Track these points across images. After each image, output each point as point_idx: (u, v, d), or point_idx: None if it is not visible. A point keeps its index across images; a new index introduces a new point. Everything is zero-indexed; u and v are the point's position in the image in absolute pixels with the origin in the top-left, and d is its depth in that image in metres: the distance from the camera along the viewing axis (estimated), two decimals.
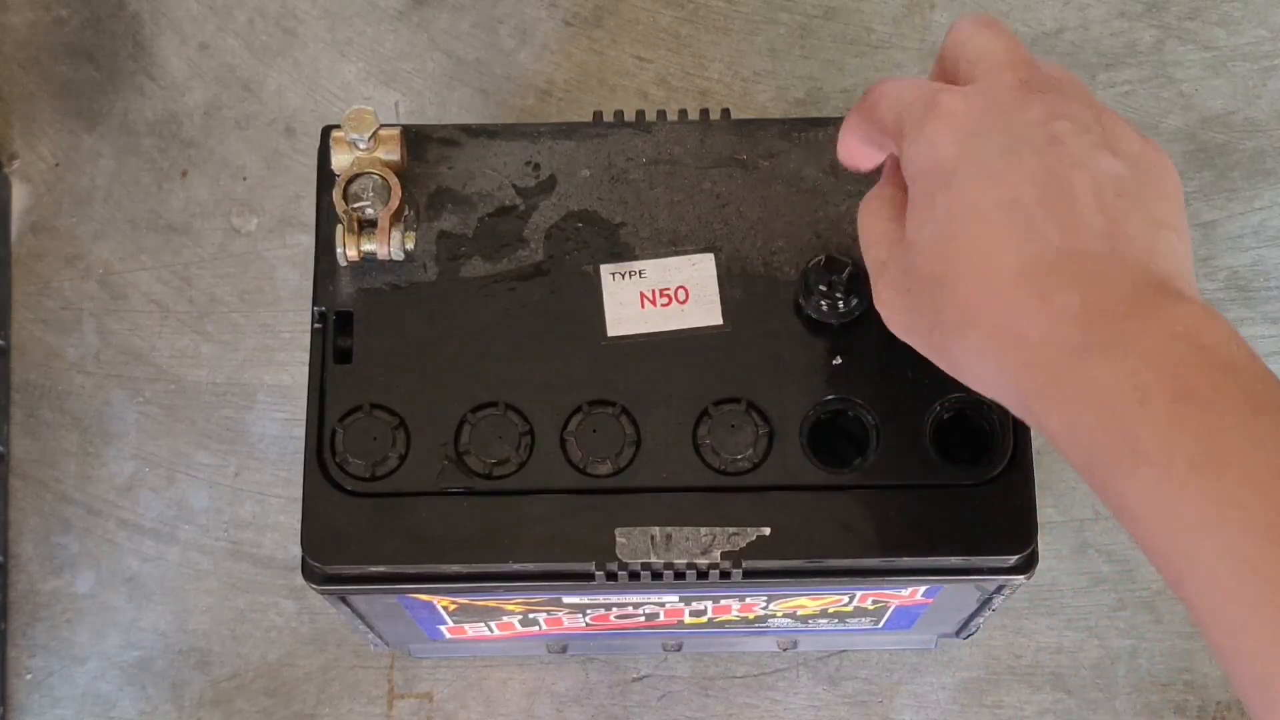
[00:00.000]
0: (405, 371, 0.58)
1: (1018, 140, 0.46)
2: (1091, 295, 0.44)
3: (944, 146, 0.47)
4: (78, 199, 0.82)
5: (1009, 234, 0.45)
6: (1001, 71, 0.48)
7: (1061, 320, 0.44)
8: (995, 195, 0.46)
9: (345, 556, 0.57)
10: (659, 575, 0.57)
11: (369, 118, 0.58)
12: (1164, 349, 0.42)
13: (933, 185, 0.47)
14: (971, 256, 0.46)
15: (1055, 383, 0.44)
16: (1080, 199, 0.45)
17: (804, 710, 0.76)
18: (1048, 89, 0.48)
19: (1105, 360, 0.43)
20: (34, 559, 0.78)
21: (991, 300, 0.45)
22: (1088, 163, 0.46)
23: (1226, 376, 0.42)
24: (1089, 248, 0.45)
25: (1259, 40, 0.84)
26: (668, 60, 0.84)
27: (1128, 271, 0.44)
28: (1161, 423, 0.41)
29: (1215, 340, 0.43)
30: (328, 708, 0.76)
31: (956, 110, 0.47)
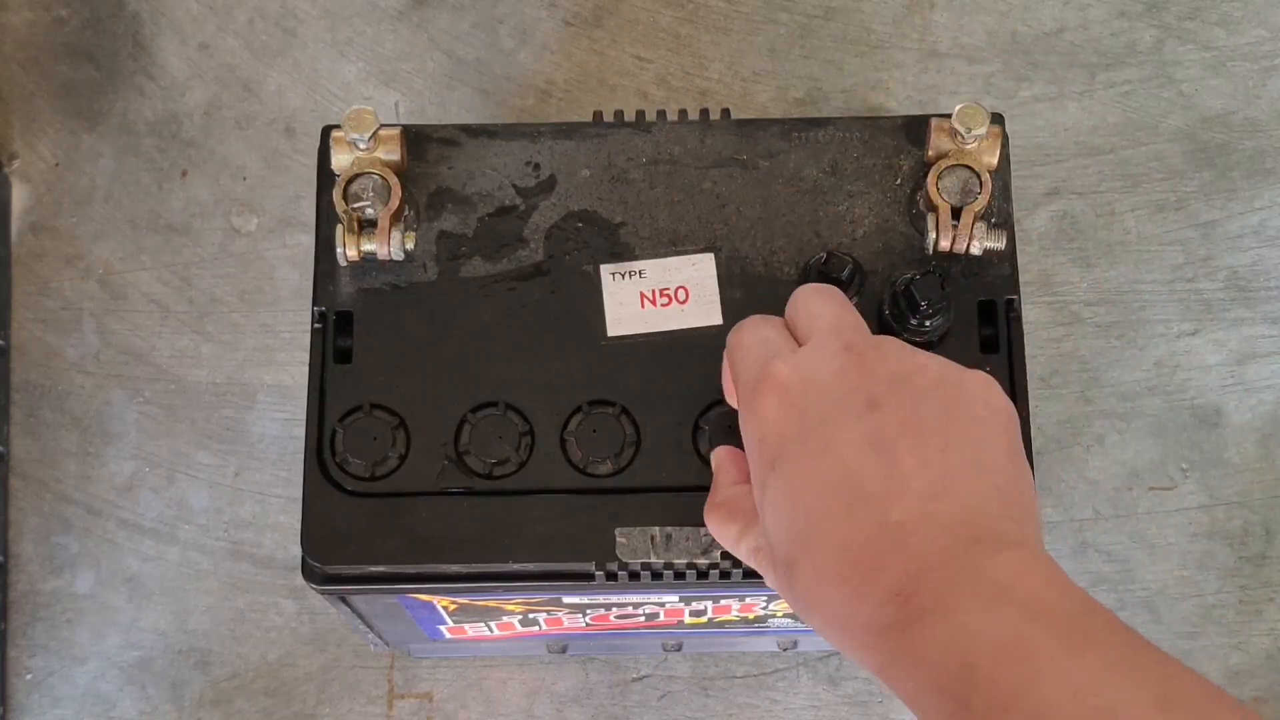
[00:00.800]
0: (405, 371, 0.58)
1: (841, 409, 0.47)
2: (913, 567, 0.45)
3: (770, 420, 0.48)
4: (78, 199, 0.82)
5: (835, 510, 0.46)
6: (828, 335, 0.50)
7: (883, 601, 0.45)
8: (820, 469, 0.47)
9: (345, 556, 0.57)
10: (659, 575, 0.57)
11: (369, 118, 0.58)
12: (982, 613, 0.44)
13: (765, 464, 0.48)
14: (804, 539, 0.47)
15: (889, 660, 0.45)
16: (902, 460, 0.46)
17: (804, 710, 0.76)
18: (867, 350, 0.49)
19: (927, 635, 0.44)
20: (34, 559, 0.78)
21: (824, 588, 0.47)
22: (909, 419, 0.47)
23: (1041, 627, 0.43)
24: (910, 512, 0.46)
25: (1259, 40, 0.84)
26: (668, 60, 0.84)
27: (944, 533, 0.45)
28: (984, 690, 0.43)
29: (1030, 590, 0.44)
30: (328, 708, 0.76)
31: (783, 379, 0.49)
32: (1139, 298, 0.80)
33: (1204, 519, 0.78)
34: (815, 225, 0.60)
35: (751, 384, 0.50)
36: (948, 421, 0.47)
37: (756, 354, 0.51)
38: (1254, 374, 0.79)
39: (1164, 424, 0.79)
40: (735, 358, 0.52)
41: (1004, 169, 0.59)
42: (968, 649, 0.43)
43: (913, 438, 0.47)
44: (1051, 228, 0.81)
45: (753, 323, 0.52)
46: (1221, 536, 0.77)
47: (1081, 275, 0.80)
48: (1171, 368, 0.79)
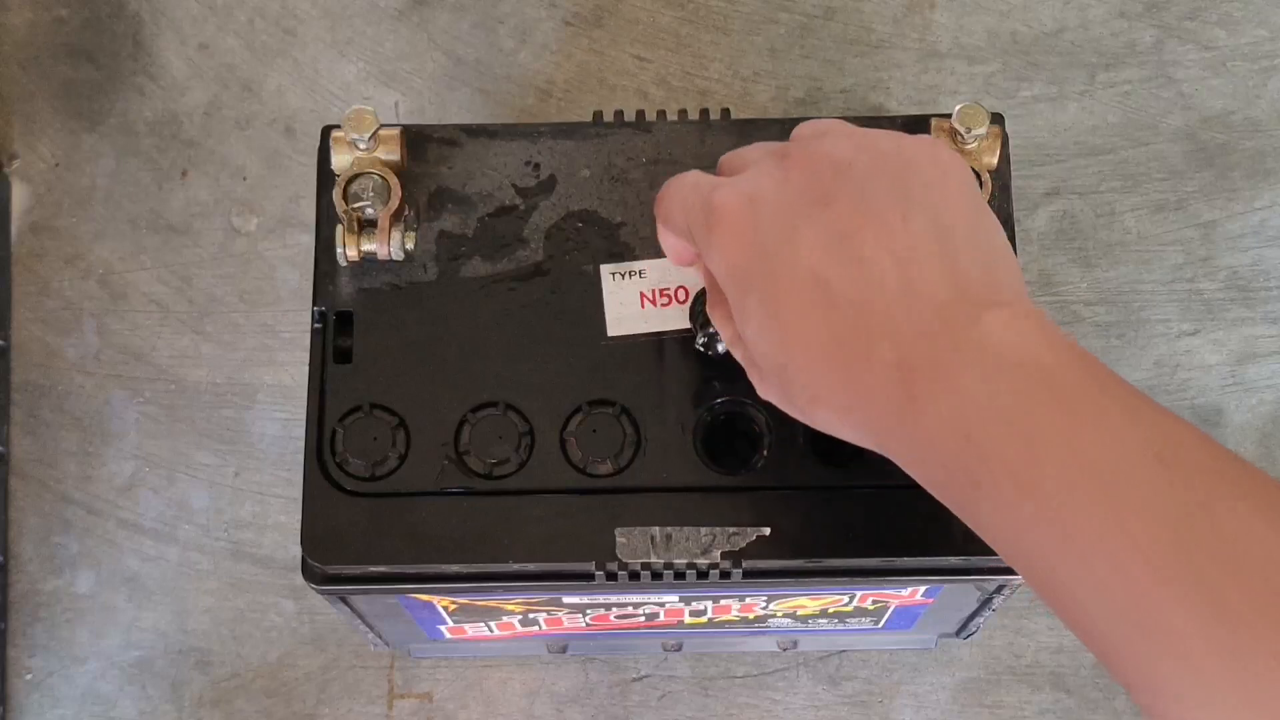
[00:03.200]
0: (405, 371, 0.58)
1: (792, 217, 0.48)
2: (902, 340, 0.45)
3: (731, 253, 0.49)
4: (78, 199, 0.82)
5: (815, 311, 0.47)
6: (762, 158, 0.50)
7: (884, 379, 0.45)
8: (789, 278, 0.47)
9: (345, 556, 0.57)
10: (659, 575, 0.57)
11: (369, 118, 0.58)
12: (974, 383, 0.44)
13: (736, 290, 0.49)
14: (793, 344, 0.47)
15: (896, 434, 0.46)
16: (865, 245, 0.46)
17: (804, 710, 0.76)
18: (800, 151, 0.49)
19: (930, 405, 0.44)
20: (34, 559, 0.78)
21: (819, 376, 0.47)
22: (861, 203, 0.47)
23: (1039, 387, 0.43)
24: (887, 290, 0.46)
25: (1259, 40, 0.84)
26: (668, 60, 0.84)
27: (927, 303, 0.46)
28: (987, 455, 0.43)
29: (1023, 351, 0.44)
30: (328, 708, 0.76)
31: (731, 208, 0.49)
32: (1139, 298, 0.80)
33: None
34: None
35: (700, 224, 0.50)
36: (900, 195, 0.47)
37: (691, 197, 0.51)
38: (1254, 374, 0.79)
39: None
40: (671, 213, 0.52)
41: (1004, 169, 0.59)
42: (965, 417, 0.43)
43: (871, 223, 0.47)
44: (1051, 228, 0.81)
45: (673, 180, 0.53)
46: None
47: (1081, 275, 0.80)
48: (1171, 368, 0.79)
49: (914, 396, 0.45)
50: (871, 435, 0.47)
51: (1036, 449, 0.42)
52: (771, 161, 0.50)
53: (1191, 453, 0.42)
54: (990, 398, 0.43)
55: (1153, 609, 0.40)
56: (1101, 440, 0.42)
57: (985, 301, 0.46)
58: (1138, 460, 0.41)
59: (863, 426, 0.47)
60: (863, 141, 0.49)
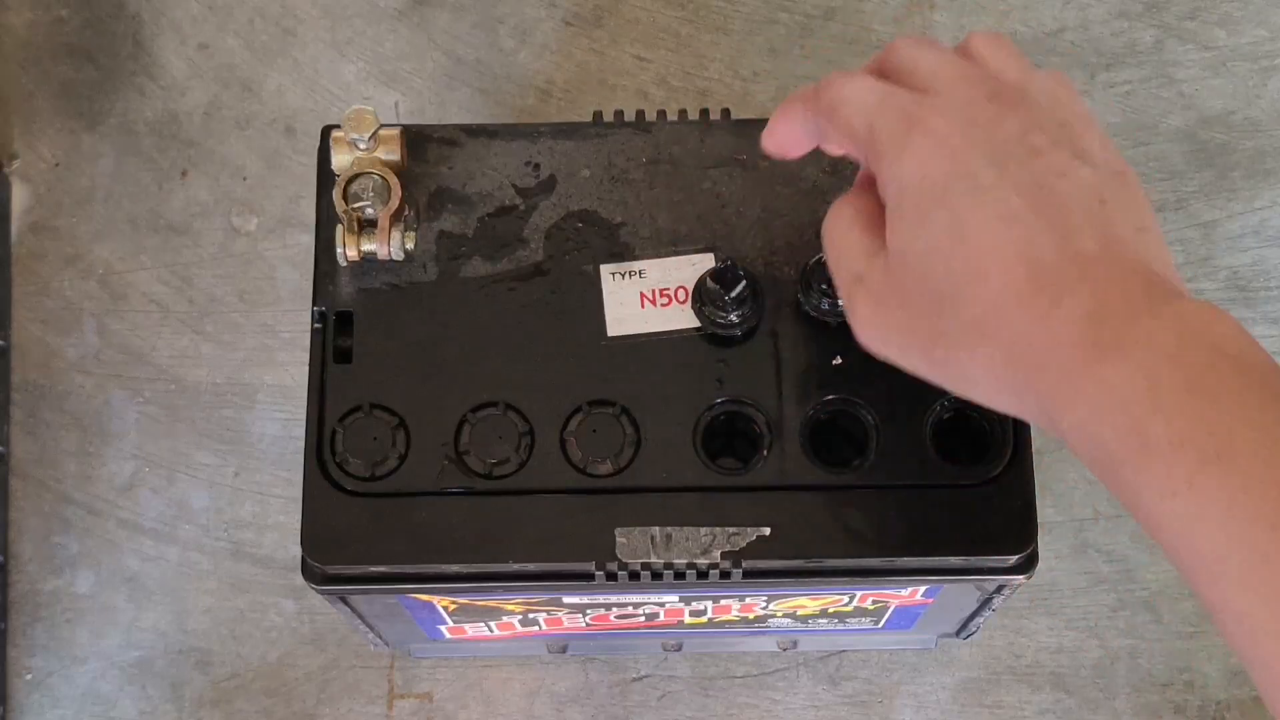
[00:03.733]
0: (405, 371, 0.58)
1: (1001, 154, 0.47)
2: (1099, 296, 0.45)
3: (931, 164, 0.47)
4: (78, 199, 0.82)
5: (1010, 245, 0.46)
6: (969, 84, 0.49)
7: (1073, 323, 0.44)
8: (990, 209, 0.46)
9: (345, 556, 0.57)
10: (659, 575, 0.57)
11: (369, 118, 0.58)
12: (1174, 345, 0.43)
13: (925, 202, 0.47)
14: (976, 270, 0.46)
15: (1069, 384, 0.44)
16: (1069, 207, 0.46)
17: (804, 710, 0.76)
18: (1017, 102, 0.49)
19: (1118, 358, 0.43)
20: (34, 559, 0.78)
21: (1001, 311, 0.46)
22: (1068, 172, 0.47)
23: (1235, 370, 0.43)
24: (1087, 252, 0.45)
25: (1259, 40, 0.84)
26: (668, 60, 0.84)
27: (1128, 272, 0.45)
28: (1172, 417, 0.42)
29: (1223, 335, 0.44)
30: (328, 708, 0.76)
31: (938, 128, 0.48)
32: None
33: None
34: (815, 225, 0.59)
35: (899, 128, 0.48)
36: (1101, 180, 0.47)
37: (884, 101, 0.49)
38: None
39: None
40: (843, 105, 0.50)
41: None
42: (1156, 382, 0.42)
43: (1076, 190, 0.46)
44: None
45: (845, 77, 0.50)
46: None
47: None
48: None
49: (1102, 348, 0.44)
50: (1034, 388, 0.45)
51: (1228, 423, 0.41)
52: (982, 94, 0.48)
53: None
54: (1181, 365, 0.43)
55: None
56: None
57: (1178, 291, 0.46)
58: None
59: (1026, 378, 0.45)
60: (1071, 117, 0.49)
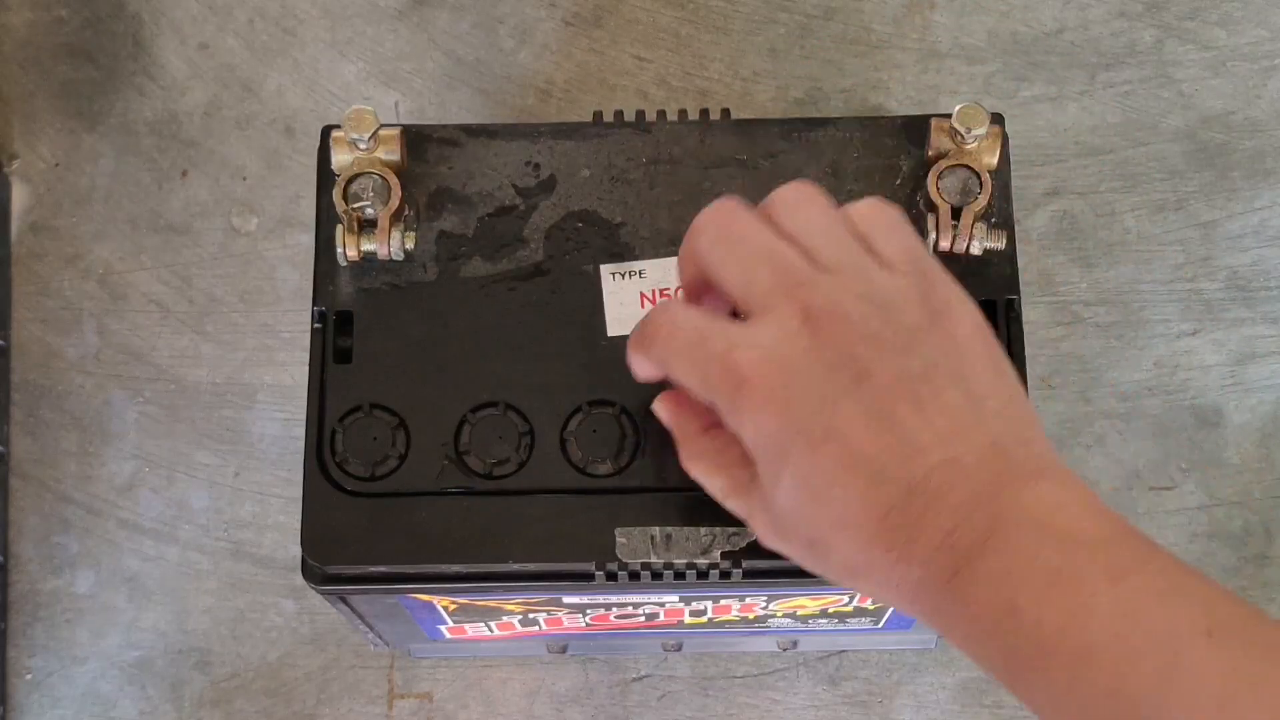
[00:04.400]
0: (405, 371, 0.58)
1: (826, 386, 0.47)
2: (945, 523, 0.45)
3: (766, 421, 0.48)
4: (78, 199, 0.82)
5: (860, 489, 0.46)
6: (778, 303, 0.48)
7: (927, 558, 0.45)
8: (831, 460, 0.47)
9: (345, 556, 0.57)
10: (659, 575, 0.57)
11: (369, 118, 0.58)
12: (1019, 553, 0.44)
13: (772, 464, 0.48)
14: (834, 520, 0.47)
15: (939, 610, 0.46)
16: (906, 422, 0.46)
17: (804, 710, 0.76)
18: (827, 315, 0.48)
19: (972, 581, 0.44)
20: (34, 559, 0.78)
21: (865, 554, 0.47)
22: (899, 379, 0.47)
23: (1088, 559, 0.43)
24: (931, 473, 0.46)
25: (1259, 40, 0.84)
26: (668, 60, 0.84)
27: (969, 478, 0.46)
28: (1030, 630, 0.43)
29: (1066, 521, 0.44)
30: (328, 708, 0.76)
31: (761, 374, 0.47)
32: (1139, 298, 0.80)
33: (1204, 519, 0.78)
34: None
35: (727, 388, 0.48)
36: (932, 365, 0.47)
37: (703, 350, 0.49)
38: (1254, 374, 0.79)
39: (1164, 424, 0.79)
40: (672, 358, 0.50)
41: (1004, 169, 0.59)
42: (1011, 590, 0.43)
43: (906, 397, 0.47)
44: (1051, 228, 0.81)
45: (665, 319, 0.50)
46: (1221, 536, 0.77)
47: (1081, 275, 0.80)
48: (1171, 368, 0.79)
49: (959, 570, 0.45)
50: (917, 610, 0.47)
51: (1086, 619, 0.42)
52: (794, 321, 0.48)
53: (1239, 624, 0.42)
54: (1036, 567, 0.43)
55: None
56: (1155, 613, 0.42)
57: (1026, 472, 0.46)
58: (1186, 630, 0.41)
59: (909, 602, 0.47)
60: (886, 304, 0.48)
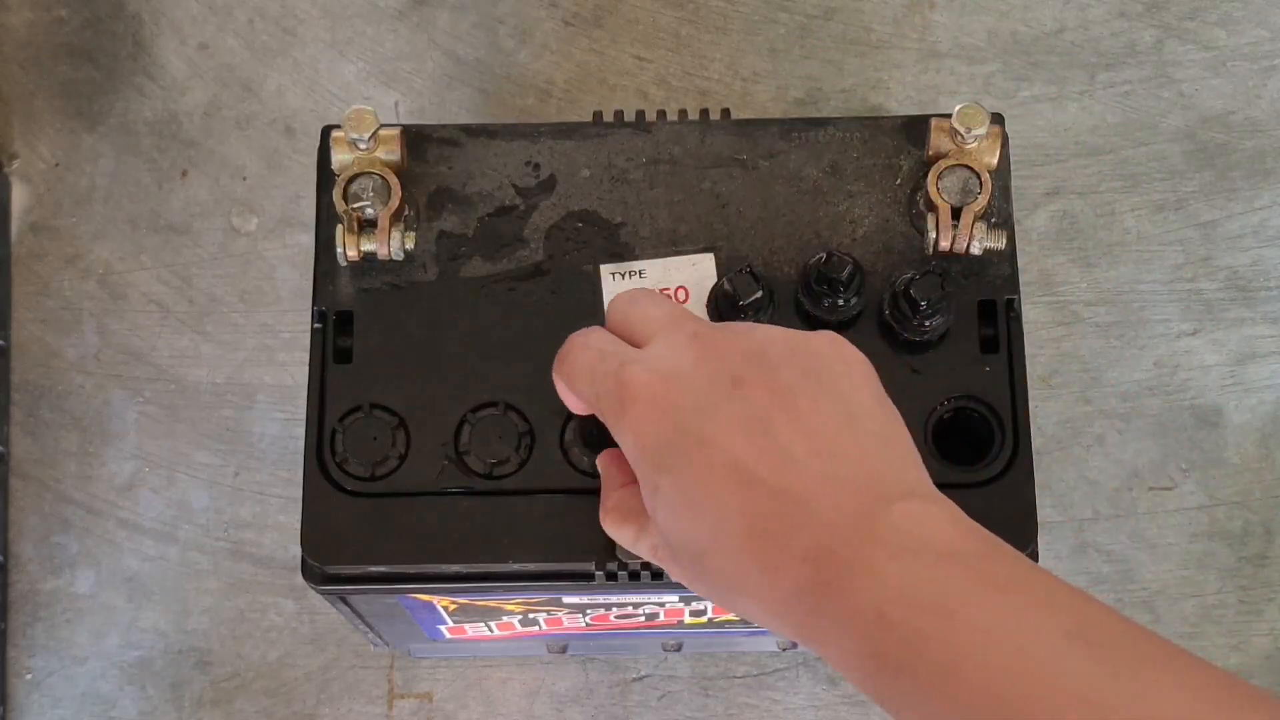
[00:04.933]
0: (405, 371, 0.58)
1: (708, 398, 0.48)
2: (816, 534, 0.46)
3: (647, 433, 0.48)
4: (78, 199, 0.82)
5: (732, 495, 0.47)
6: (670, 331, 0.50)
7: (798, 568, 0.46)
8: (706, 462, 0.47)
9: (345, 556, 0.57)
10: (659, 575, 0.57)
11: (369, 118, 0.58)
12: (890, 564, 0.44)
13: (652, 473, 0.48)
14: (709, 529, 0.47)
15: (809, 624, 0.46)
16: (780, 433, 0.47)
17: (804, 710, 0.76)
18: (713, 333, 0.50)
19: (846, 588, 0.45)
20: (34, 559, 0.78)
21: (737, 569, 0.47)
22: (775, 389, 0.48)
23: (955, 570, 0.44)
24: (804, 482, 0.46)
25: (1259, 40, 0.84)
26: (668, 60, 0.84)
27: (843, 492, 0.46)
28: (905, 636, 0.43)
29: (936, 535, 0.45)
30: (328, 708, 0.76)
31: (645, 385, 0.49)
32: (1139, 298, 0.80)
33: (1204, 519, 0.78)
34: (815, 225, 0.60)
35: (612, 398, 0.49)
36: (811, 384, 0.48)
37: (599, 367, 0.51)
38: (1254, 374, 0.79)
39: (1164, 424, 0.79)
40: (575, 379, 0.52)
41: (1004, 169, 0.59)
42: (881, 599, 0.44)
43: (783, 408, 0.47)
44: (1051, 228, 0.81)
45: (577, 341, 0.52)
46: (1221, 536, 0.77)
47: (1081, 275, 0.80)
48: (1171, 368, 0.79)
49: (829, 582, 0.45)
50: (790, 624, 0.47)
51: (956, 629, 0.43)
52: (683, 338, 0.50)
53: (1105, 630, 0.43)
54: (906, 580, 0.44)
55: None
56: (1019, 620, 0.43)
57: (897, 492, 0.47)
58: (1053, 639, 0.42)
59: (781, 615, 0.47)
60: (771, 333, 0.50)
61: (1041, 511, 0.58)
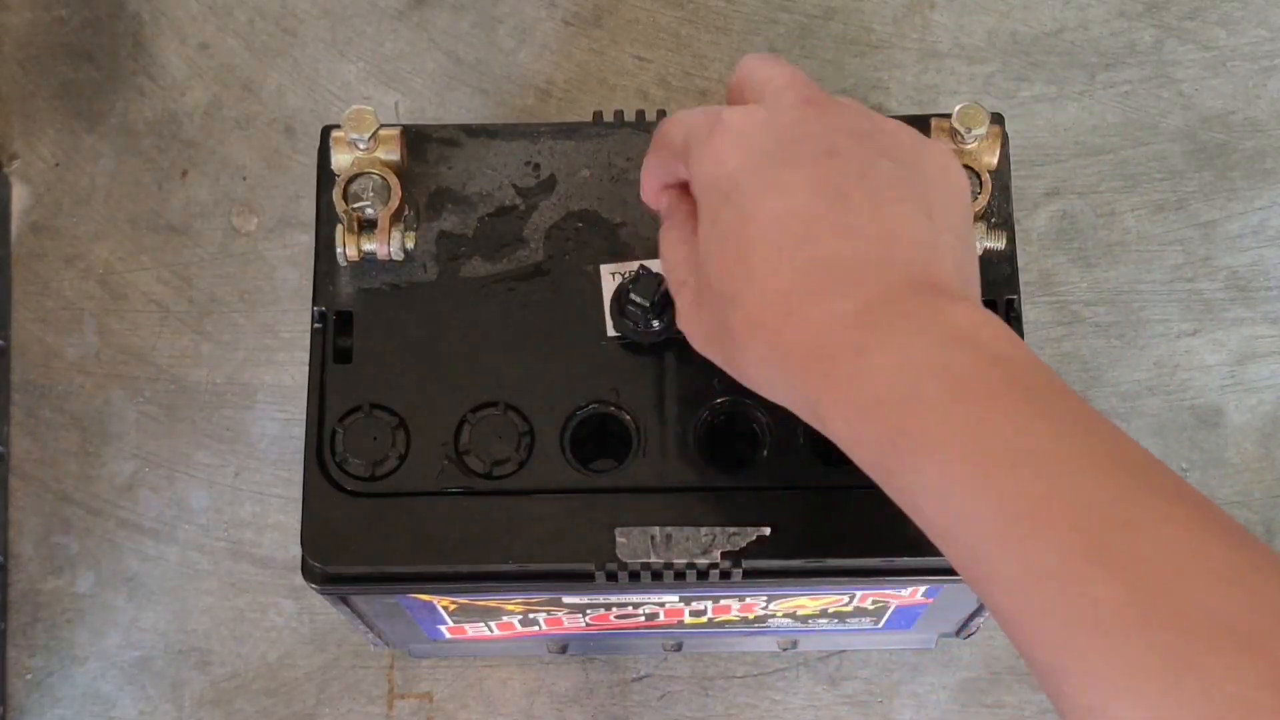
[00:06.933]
0: (405, 371, 0.58)
1: (797, 152, 0.48)
2: (864, 298, 0.45)
3: (727, 160, 0.48)
4: (78, 199, 0.82)
5: (785, 242, 0.46)
6: (785, 90, 0.50)
7: (837, 324, 0.45)
8: (773, 206, 0.47)
9: (345, 556, 0.57)
10: (659, 575, 0.57)
11: (369, 118, 0.58)
12: (936, 347, 0.44)
13: (715, 199, 0.48)
14: (751, 268, 0.47)
15: (836, 385, 0.45)
16: (856, 206, 0.46)
17: (804, 710, 0.76)
18: (827, 104, 0.49)
19: (880, 360, 0.44)
20: (34, 559, 0.78)
21: (771, 309, 0.46)
22: (866, 171, 0.47)
23: (997, 368, 0.43)
24: (863, 253, 0.46)
25: (1259, 40, 0.84)
26: (668, 60, 0.84)
27: (901, 274, 0.46)
28: (934, 418, 0.43)
29: (987, 338, 0.44)
30: (328, 708, 0.76)
31: (739, 125, 0.48)
32: (1139, 298, 0.80)
33: None
34: None
35: (704, 133, 0.49)
36: (904, 179, 0.48)
37: (701, 117, 0.50)
38: (1254, 374, 0.79)
39: (1164, 424, 0.79)
40: (669, 131, 0.51)
41: (1004, 169, 0.59)
42: (916, 379, 0.43)
43: (868, 188, 0.47)
44: (1051, 228, 0.81)
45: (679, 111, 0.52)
46: None
47: (1081, 275, 0.80)
48: (1171, 368, 0.79)
49: (863, 348, 0.44)
50: (803, 386, 0.46)
51: (985, 422, 0.42)
52: (794, 99, 0.49)
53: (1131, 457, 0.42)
54: (944, 363, 0.43)
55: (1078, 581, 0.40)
56: (1050, 430, 0.42)
57: (954, 294, 0.46)
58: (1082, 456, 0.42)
59: (797, 374, 0.46)
60: (886, 124, 0.49)
61: None
